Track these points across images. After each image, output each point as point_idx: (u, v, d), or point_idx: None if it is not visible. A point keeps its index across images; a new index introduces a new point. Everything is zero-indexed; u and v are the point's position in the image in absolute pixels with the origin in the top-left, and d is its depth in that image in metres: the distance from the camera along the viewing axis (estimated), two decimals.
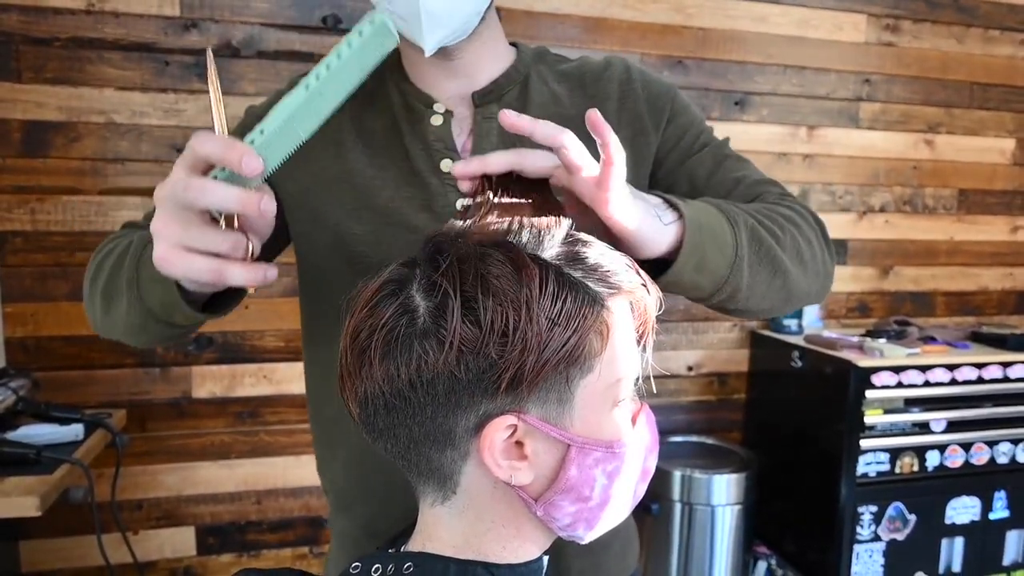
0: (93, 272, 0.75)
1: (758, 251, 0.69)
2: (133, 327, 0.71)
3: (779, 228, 0.73)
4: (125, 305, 0.69)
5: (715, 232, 0.66)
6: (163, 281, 0.62)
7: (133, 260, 0.68)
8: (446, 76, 0.79)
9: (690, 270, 0.64)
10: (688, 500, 2.12)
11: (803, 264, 0.74)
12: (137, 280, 0.67)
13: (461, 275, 0.49)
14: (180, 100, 1.89)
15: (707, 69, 2.28)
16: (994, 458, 2.15)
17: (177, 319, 0.67)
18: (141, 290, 0.66)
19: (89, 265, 0.78)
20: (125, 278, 0.68)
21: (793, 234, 0.74)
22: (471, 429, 0.51)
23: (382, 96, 0.82)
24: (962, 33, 2.50)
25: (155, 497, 1.99)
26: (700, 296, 0.69)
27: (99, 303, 0.73)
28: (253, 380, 2.02)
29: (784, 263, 0.71)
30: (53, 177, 1.83)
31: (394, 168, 0.78)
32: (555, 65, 0.86)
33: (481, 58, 0.80)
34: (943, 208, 2.58)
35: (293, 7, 1.93)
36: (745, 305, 0.71)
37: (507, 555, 0.56)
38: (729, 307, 0.72)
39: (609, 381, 0.53)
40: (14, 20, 1.77)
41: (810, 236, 0.77)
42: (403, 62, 0.83)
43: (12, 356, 1.85)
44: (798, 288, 0.74)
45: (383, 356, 0.50)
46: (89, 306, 0.76)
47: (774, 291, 0.72)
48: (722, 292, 0.68)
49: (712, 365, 2.44)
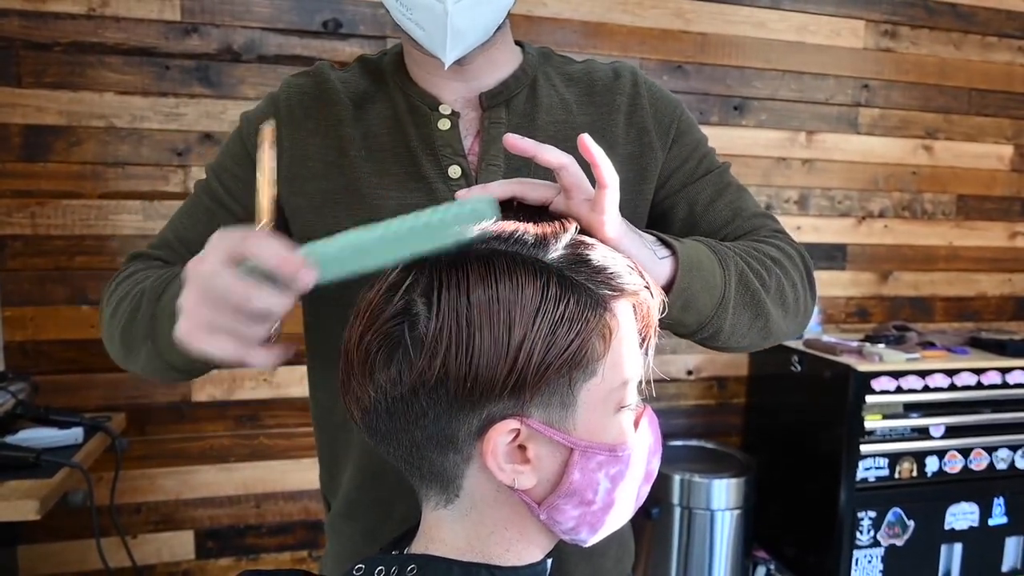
0: (109, 314, 0.76)
1: (743, 295, 0.70)
2: (155, 372, 0.73)
3: (766, 271, 0.74)
4: (144, 357, 0.71)
5: (705, 274, 0.67)
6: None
7: (146, 316, 0.69)
8: (453, 78, 0.78)
9: (677, 308, 0.66)
10: (687, 504, 2.12)
11: (785, 307, 0.76)
12: (154, 337, 0.68)
13: (463, 280, 0.49)
14: (180, 104, 1.89)
15: (706, 74, 2.28)
16: (993, 464, 2.15)
17: (198, 370, 0.71)
18: (159, 347, 0.68)
19: (104, 304, 0.79)
20: (141, 333, 0.70)
21: (779, 277, 0.75)
22: (474, 433, 0.51)
23: (384, 98, 0.80)
24: (960, 39, 2.50)
25: (154, 501, 1.99)
26: (681, 332, 0.71)
27: (119, 347, 0.75)
28: (253, 384, 2.01)
29: (767, 306, 0.73)
30: (53, 181, 1.83)
31: (401, 173, 0.77)
32: (562, 67, 0.85)
33: (490, 64, 0.80)
34: (942, 214, 2.58)
35: (294, 11, 1.93)
36: (725, 343, 0.73)
37: (510, 558, 0.56)
38: (708, 344, 0.74)
39: (612, 384, 0.53)
40: (15, 25, 1.77)
41: (795, 278, 0.78)
42: (406, 61, 0.82)
43: (11, 360, 1.84)
44: (776, 329, 0.76)
45: (385, 361, 0.50)
46: (108, 344, 0.78)
47: (754, 332, 0.74)
48: (704, 331, 0.70)
49: (712, 369, 2.44)
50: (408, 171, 0.77)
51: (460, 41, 0.71)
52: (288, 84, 0.83)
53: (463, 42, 0.71)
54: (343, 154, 0.78)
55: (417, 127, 0.78)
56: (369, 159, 0.78)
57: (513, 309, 0.48)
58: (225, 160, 0.82)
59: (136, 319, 0.70)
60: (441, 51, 0.71)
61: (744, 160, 2.33)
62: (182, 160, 1.90)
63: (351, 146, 0.78)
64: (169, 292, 0.67)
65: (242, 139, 0.81)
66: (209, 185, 0.82)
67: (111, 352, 0.78)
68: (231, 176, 0.81)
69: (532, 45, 0.87)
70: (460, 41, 0.71)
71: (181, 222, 0.84)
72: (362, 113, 0.79)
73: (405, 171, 0.77)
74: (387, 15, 2.15)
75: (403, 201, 0.76)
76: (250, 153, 0.78)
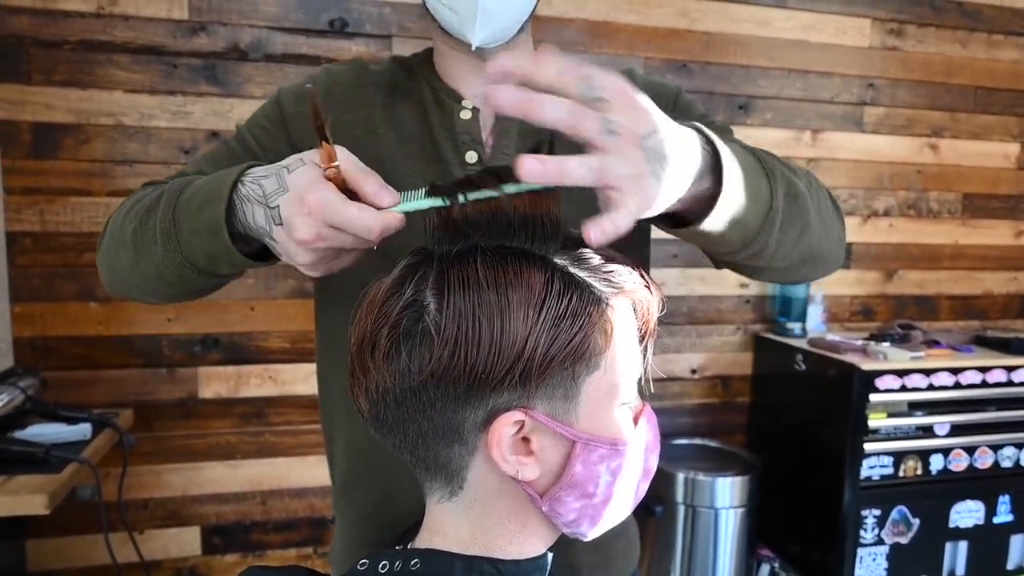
0: (119, 224, 0.73)
1: (791, 206, 0.65)
2: (167, 277, 0.70)
3: (806, 185, 0.69)
4: (160, 255, 0.68)
5: (752, 182, 0.60)
6: (211, 232, 0.63)
7: (167, 210, 0.67)
8: (476, 75, 0.84)
9: (723, 221, 0.60)
10: (691, 503, 2.12)
11: (825, 224, 0.71)
12: (176, 231, 0.66)
13: (472, 273, 0.51)
14: (188, 102, 1.90)
15: (711, 73, 2.28)
16: (998, 462, 2.15)
17: (222, 269, 0.68)
18: (181, 242, 0.66)
19: (112, 219, 0.77)
20: (160, 228, 0.67)
21: (817, 191, 0.71)
22: (479, 424, 0.52)
23: (414, 90, 0.86)
24: (966, 37, 2.50)
25: (161, 497, 2.00)
26: (727, 250, 0.65)
27: (125, 255, 0.72)
28: (259, 381, 2.03)
29: (811, 220, 0.68)
30: (62, 179, 1.85)
31: (422, 158, 0.82)
32: None
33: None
34: (947, 212, 2.58)
35: (300, 10, 1.94)
36: (768, 262, 0.67)
37: (513, 551, 0.57)
38: (751, 263, 0.68)
39: (613, 380, 0.54)
40: (24, 23, 1.78)
41: (825, 198, 0.75)
42: (435, 59, 0.87)
43: (21, 356, 1.86)
44: (820, 248, 0.71)
45: (394, 353, 0.51)
46: (110, 260, 0.75)
47: (798, 250, 0.68)
48: (751, 247, 0.64)
49: (716, 368, 2.44)
50: (429, 156, 0.82)
51: (489, 22, 0.75)
52: (327, 68, 0.89)
53: (492, 24, 0.76)
54: (371, 131, 0.83)
55: (441, 116, 0.83)
56: (395, 142, 0.83)
57: (519, 303, 0.50)
58: (258, 119, 0.87)
59: (152, 217, 0.68)
60: (470, 31, 0.75)
61: None
62: (189, 158, 1.91)
63: (380, 126, 0.83)
64: (192, 189, 0.66)
65: (279, 104, 0.86)
66: (240, 135, 0.87)
67: (112, 266, 0.75)
68: (263, 130, 0.85)
69: None
70: (489, 22, 0.75)
71: (204, 160, 0.87)
72: (392, 100, 0.85)
73: (426, 156, 0.82)
74: (393, 14, 2.16)
75: (422, 183, 0.79)
76: (285, 119, 0.84)
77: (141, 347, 1.94)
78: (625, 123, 0.49)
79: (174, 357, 1.97)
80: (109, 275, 0.77)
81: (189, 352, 1.97)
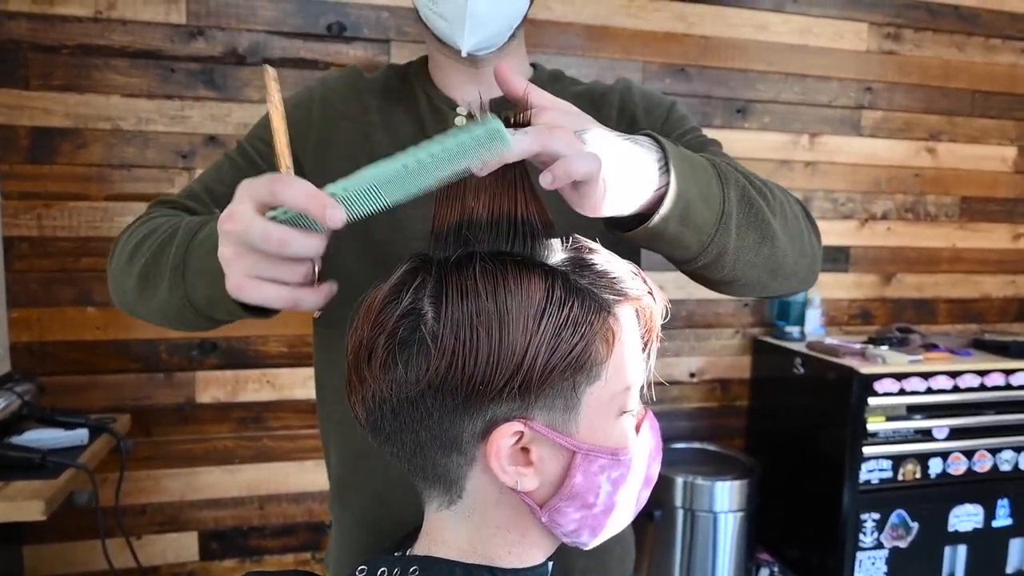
0: (131, 250, 0.74)
1: (747, 212, 0.66)
2: (168, 314, 0.70)
3: (770, 194, 0.70)
4: (165, 292, 0.68)
5: (700, 181, 0.62)
6: (211, 277, 0.62)
7: (181, 248, 0.67)
8: (469, 83, 0.85)
9: (675, 221, 0.61)
10: (690, 507, 2.12)
11: (790, 236, 0.71)
12: (183, 270, 0.66)
13: (470, 282, 0.50)
14: (186, 107, 1.90)
15: (709, 77, 2.28)
16: (997, 466, 2.14)
17: (218, 315, 0.68)
18: (186, 281, 0.66)
19: (124, 239, 0.77)
20: (170, 265, 0.68)
21: (782, 203, 0.72)
22: (477, 434, 0.51)
23: (409, 97, 0.86)
24: (963, 41, 2.50)
25: (158, 502, 1.99)
26: (685, 256, 0.66)
27: (133, 283, 0.72)
28: (257, 386, 2.02)
29: (773, 228, 0.68)
30: (59, 183, 1.84)
31: None
32: (569, 87, 0.91)
33: None
34: (945, 216, 2.58)
35: (299, 15, 1.94)
36: (732, 272, 0.68)
37: (512, 560, 0.57)
38: (715, 275, 0.69)
39: (615, 389, 0.53)
40: (22, 27, 1.78)
41: (796, 212, 0.75)
42: (430, 68, 0.88)
43: (18, 361, 1.85)
44: (786, 262, 0.71)
45: (391, 361, 0.51)
46: (119, 282, 0.76)
47: (762, 259, 0.69)
48: (708, 252, 0.65)
49: (714, 372, 2.44)
50: None
51: (478, 29, 0.76)
52: (324, 77, 0.90)
53: (481, 31, 0.76)
54: (367, 139, 0.83)
55: (436, 123, 0.84)
56: (390, 145, 0.82)
57: (518, 312, 0.49)
58: (258, 131, 0.88)
59: (167, 251, 0.69)
60: (460, 38, 0.76)
61: (747, 163, 2.30)
62: (187, 163, 1.91)
63: (376, 132, 0.84)
64: (207, 229, 0.66)
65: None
66: (242, 147, 0.87)
67: (120, 288, 0.76)
68: (263, 142, 0.86)
69: (545, 68, 0.93)
70: (478, 29, 0.76)
71: (210, 176, 0.87)
72: (388, 107, 0.86)
73: None
74: (391, 19, 2.16)
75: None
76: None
77: (139, 352, 1.93)
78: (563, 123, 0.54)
79: (172, 362, 1.96)
80: (118, 296, 0.78)
81: (187, 356, 1.97)
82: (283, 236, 0.52)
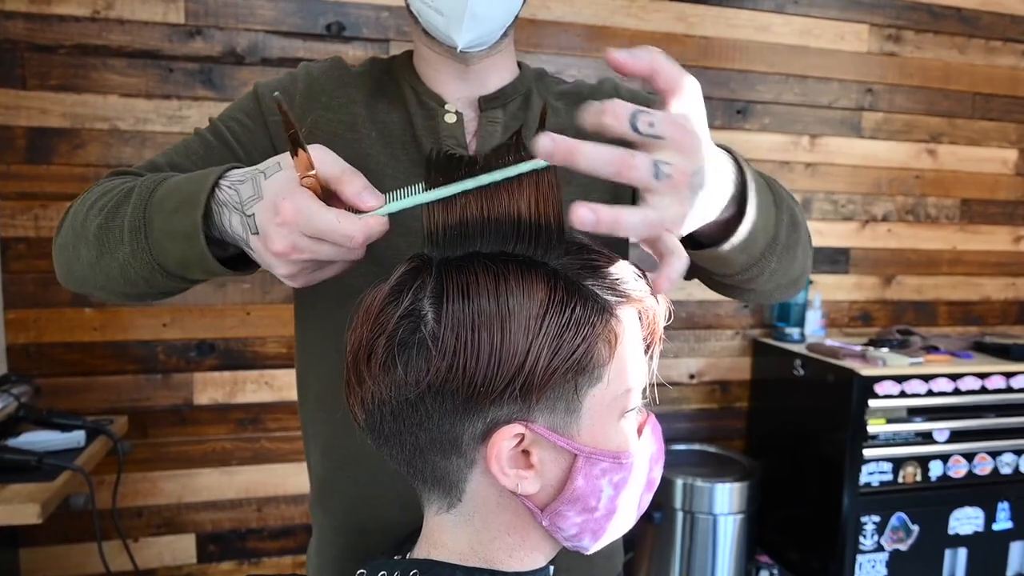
0: (83, 217, 0.69)
1: (791, 235, 0.65)
2: (132, 278, 0.66)
3: (801, 213, 0.70)
4: (127, 255, 0.64)
5: (766, 211, 0.60)
6: (187, 237, 0.60)
7: (139, 208, 0.63)
8: (458, 80, 0.83)
9: (737, 248, 0.59)
10: (690, 509, 2.11)
11: (804, 250, 0.72)
12: (146, 231, 0.63)
13: (471, 283, 0.49)
14: (184, 107, 1.89)
15: (709, 78, 2.28)
16: (997, 468, 2.14)
17: (194, 275, 0.64)
18: (151, 243, 0.63)
19: (74, 209, 0.73)
20: (128, 227, 0.63)
21: (801, 214, 0.72)
22: (478, 437, 0.51)
23: (395, 91, 0.85)
24: (964, 43, 2.50)
25: (156, 504, 1.98)
26: (724, 271, 0.64)
27: (86, 251, 0.68)
28: (254, 387, 2.01)
29: (800, 247, 0.68)
30: (57, 184, 1.84)
31: (406, 159, 0.81)
32: (553, 86, 0.91)
33: (493, 68, 0.85)
34: (946, 218, 2.58)
35: (297, 15, 1.93)
36: (755, 285, 0.67)
37: (513, 563, 0.56)
38: (740, 287, 0.68)
39: (617, 391, 0.53)
40: (19, 27, 1.77)
41: (804, 221, 0.75)
42: (416, 63, 0.86)
43: (14, 362, 1.84)
44: (799, 276, 0.72)
45: (390, 363, 0.50)
46: (68, 255, 0.72)
47: (786, 276, 0.69)
48: (747, 272, 0.63)
49: (714, 373, 2.43)
50: (412, 158, 0.81)
51: (476, 25, 0.74)
52: (307, 65, 0.87)
53: (479, 27, 0.75)
54: (353, 129, 0.81)
55: (425, 119, 0.82)
56: (378, 142, 0.81)
57: (520, 313, 0.48)
58: (235, 112, 0.85)
59: (120, 214, 0.65)
60: (456, 33, 0.75)
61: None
62: None
63: (362, 125, 0.82)
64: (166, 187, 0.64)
65: (257, 99, 0.84)
66: (215, 127, 0.84)
67: (71, 257, 0.71)
68: (240, 124, 0.83)
69: (530, 66, 0.92)
70: (476, 25, 0.74)
71: (176, 151, 0.83)
72: (374, 100, 0.84)
73: (410, 157, 0.81)
74: (390, 18, 2.15)
75: (406, 182, 0.78)
76: (263, 112, 0.82)
77: (136, 353, 1.92)
78: (678, 163, 0.48)
79: (169, 363, 1.95)
80: (65, 269, 0.74)
81: (184, 358, 1.96)
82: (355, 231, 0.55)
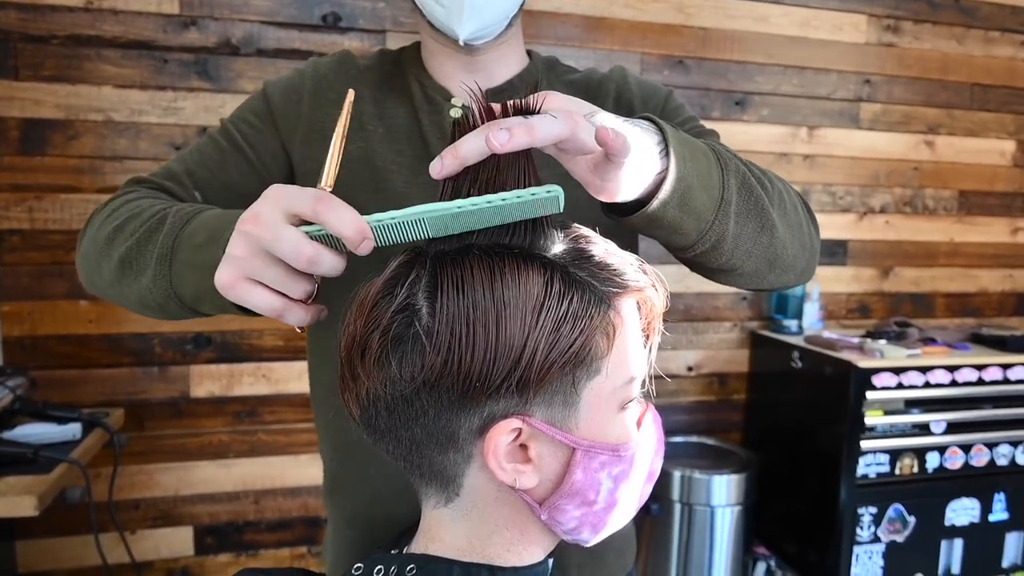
0: (111, 232, 0.71)
1: (746, 199, 0.65)
2: (148, 303, 0.68)
3: (769, 184, 0.69)
4: (148, 281, 0.66)
5: (701, 168, 0.61)
6: (202, 271, 0.60)
7: (169, 238, 0.65)
8: (464, 71, 0.83)
9: (674, 206, 0.59)
10: (688, 501, 2.11)
11: (789, 227, 0.70)
12: (171, 261, 0.64)
13: (466, 276, 0.48)
14: (179, 98, 1.88)
15: (707, 69, 2.27)
16: (994, 460, 2.14)
17: (204, 308, 0.66)
18: (173, 272, 0.64)
19: (100, 220, 0.74)
20: (156, 254, 0.65)
21: (781, 193, 0.71)
22: (475, 431, 0.50)
23: (402, 86, 0.85)
24: (963, 34, 2.49)
25: (152, 497, 1.98)
26: (683, 243, 0.64)
27: (113, 267, 0.69)
28: (251, 379, 2.01)
29: (772, 218, 0.67)
30: (51, 175, 1.82)
31: (411, 154, 0.80)
32: (564, 75, 0.90)
33: (500, 59, 0.84)
34: (943, 209, 2.57)
35: (293, 5, 1.92)
36: (729, 261, 0.67)
37: (512, 558, 0.55)
38: (712, 263, 0.67)
39: (615, 384, 0.52)
40: (12, 17, 1.76)
41: (796, 203, 0.74)
42: (423, 56, 0.86)
43: (9, 355, 1.84)
44: (785, 253, 0.70)
45: (385, 358, 0.49)
46: (91, 264, 0.73)
47: (760, 248, 0.68)
48: (706, 239, 0.63)
49: (712, 365, 2.43)
50: (418, 153, 0.81)
51: (476, 16, 0.74)
52: (315, 62, 0.88)
53: (479, 18, 0.75)
54: (360, 126, 0.82)
55: (431, 114, 0.82)
56: (384, 138, 0.81)
57: (516, 306, 0.47)
58: (245, 113, 0.86)
59: (154, 239, 0.66)
60: (458, 25, 0.74)
61: (745, 155, 2.30)
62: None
63: (369, 121, 0.82)
64: (198, 221, 0.65)
65: (266, 98, 0.84)
66: (226, 130, 0.85)
67: (94, 270, 0.73)
68: (250, 126, 0.84)
69: (540, 55, 0.91)
70: (476, 16, 0.74)
71: (191, 157, 0.85)
72: (381, 95, 0.84)
73: (415, 153, 0.81)
74: (386, 8, 2.14)
75: (411, 180, 0.80)
76: (272, 112, 0.83)
77: (132, 345, 1.92)
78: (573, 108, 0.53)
79: (166, 355, 1.95)
80: (88, 280, 0.76)
81: (181, 350, 1.95)
82: (314, 254, 0.52)
